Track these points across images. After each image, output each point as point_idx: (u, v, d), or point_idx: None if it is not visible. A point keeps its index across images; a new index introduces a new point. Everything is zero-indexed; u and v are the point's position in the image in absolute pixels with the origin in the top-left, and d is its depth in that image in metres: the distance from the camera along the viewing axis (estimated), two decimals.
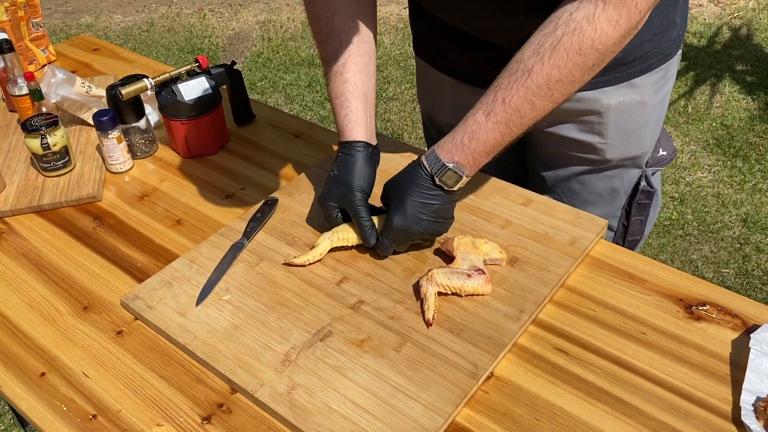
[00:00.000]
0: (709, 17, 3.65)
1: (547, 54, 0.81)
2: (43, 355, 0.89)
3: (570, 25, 0.79)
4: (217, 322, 0.90)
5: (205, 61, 1.24)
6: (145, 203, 1.16)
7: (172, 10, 4.27)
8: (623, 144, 1.10)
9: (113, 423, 0.80)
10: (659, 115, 1.13)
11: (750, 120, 2.87)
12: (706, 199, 2.48)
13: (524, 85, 0.83)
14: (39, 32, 1.63)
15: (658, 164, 1.17)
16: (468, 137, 0.88)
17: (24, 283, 1.01)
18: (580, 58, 0.80)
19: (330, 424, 0.76)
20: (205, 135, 1.25)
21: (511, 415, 0.78)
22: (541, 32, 0.82)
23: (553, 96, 0.83)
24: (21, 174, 1.23)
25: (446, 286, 0.90)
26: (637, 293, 0.92)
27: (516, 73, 0.83)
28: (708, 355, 0.83)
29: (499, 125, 0.86)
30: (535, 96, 0.83)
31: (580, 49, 0.79)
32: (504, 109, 0.85)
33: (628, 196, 1.19)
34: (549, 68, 0.81)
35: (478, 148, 0.88)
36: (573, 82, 0.83)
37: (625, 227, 1.22)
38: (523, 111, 0.84)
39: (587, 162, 1.14)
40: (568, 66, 0.81)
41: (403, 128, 2.99)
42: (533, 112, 0.85)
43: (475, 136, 0.87)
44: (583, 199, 1.18)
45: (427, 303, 0.88)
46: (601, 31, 0.78)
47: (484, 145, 0.87)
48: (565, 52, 0.80)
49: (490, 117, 0.86)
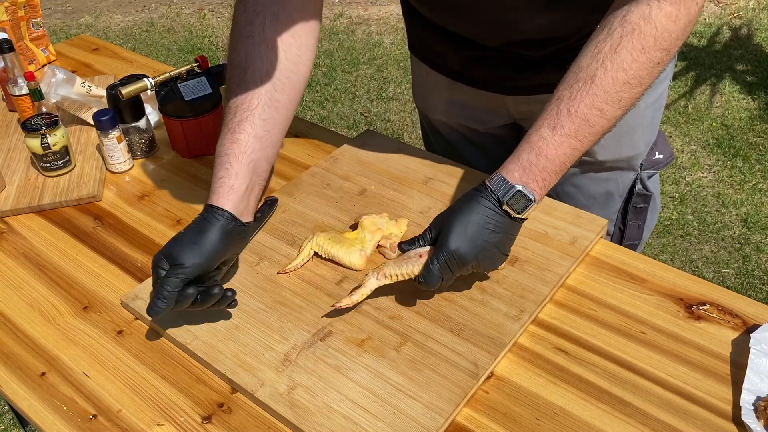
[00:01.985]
0: (709, 17, 3.65)
1: (609, 58, 0.78)
2: (43, 355, 0.89)
3: (626, 27, 0.77)
4: (217, 322, 0.90)
5: (205, 61, 1.24)
6: (145, 203, 1.16)
7: (172, 10, 4.27)
8: (615, 145, 1.09)
9: (113, 423, 0.80)
10: (652, 117, 1.12)
11: (750, 120, 2.87)
12: (706, 199, 2.48)
13: (590, 93, 0.79)
14: (39, 32, 1.63)
15: (654, 167, 1.16)
16: (535, 155, 0.82)
17: (24, 283, 1.01)
18: (645, 56, 0.78)
19: (330, 423, 0.76)
20: (205, 135, 1.25)
21: (512, 415, 0.78)
22: (595, 39, 0.80)
23: (621, 100, 0.80)
24: (21, 174, 1.23)
25: (397, 275, 0.86)
26: (637, 293, 0.92)
27: (578, 82, 0.80)
28: (708, 354, 0.83)
29: (568, 138, 0.81)
30: (602, 102, 0.79)
31: (643, 48, 0.77)
32: (571, 120, 0.80)
33: (624, 200, 1.18)
34: (614, 71, 0.78)
35: (547, 165, 0.82)
36: (640, 83, 0.80)
37: (622, 231, 1.21)
38: (592, 120, 0.80)
39: (580, 164, 1.13)
40: (633, 66, 0.78)
41: (403, 128, 2.99)
42: (602, 119, 0.80)
43: (543, 153, 0.81)
44: (577, 202, 1.17)
45: (358, 293, 0.86)
46: (662, 27, 0.77)
47: (552, 162, 0.82)
48: (629, 53, 0.77)
49: (556, 131, 0.81)
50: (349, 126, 3.06)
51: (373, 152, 1.21)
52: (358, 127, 3.03)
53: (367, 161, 1.19)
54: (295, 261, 0.97)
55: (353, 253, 0.96)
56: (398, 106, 3.16)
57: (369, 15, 4.04)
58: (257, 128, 0.92)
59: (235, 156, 0.90)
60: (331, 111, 3.17)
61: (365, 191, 1.12)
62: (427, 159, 1.19)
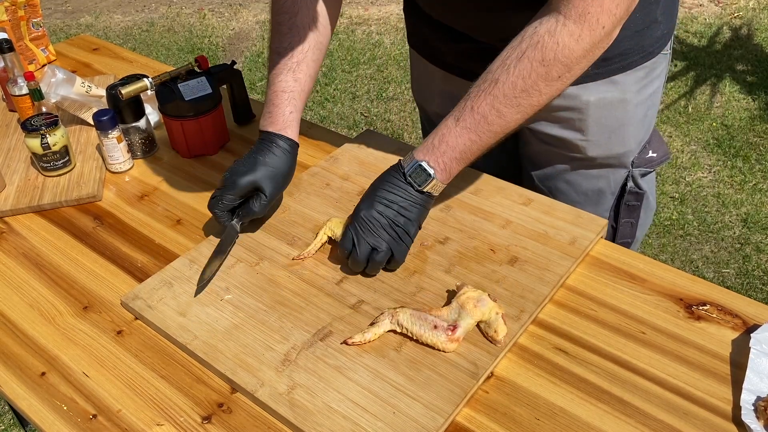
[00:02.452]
0: (709, 17, 3.65)
1: (513, 65, 0.85)
2: (43, 355, 0.89)
3: (534, 39, 0.84)
4: (217, 322, 0.90)
5: (205, 61, 1.24)
6: (145, 203, 1.16)
7: (172, 10, 4.27)
8: (605, 142, 1.11)
9: (113, 423, 0.80)
10: (644, 115, 1.13)
11: (750, 120, 2.87)
12: (706, 199, 2.48)
13: (491, 94, 0.87)
14: (39, 32, 1.63)
15: (647, 165, 1.17)
16: (438, 140, 0.91)
17: (24, 283, 1.01)
18: (544, 69, 0.84)
19: (330, 423, 0.76)
20: (205, 135, 1.25)
21: (511, 415, 0.78)
22: (509, 46, 0.86)
23: (520, 105, 0.87)
24: (21, 174, 1.23)
25: (406, 329, 0.85)
26: (637, 293, 0.92)
27: (485, 83, 0.87)
28: (708, 354, 0.83)
29: (468, 131, 0.89)
30: (501, 104, 0.86)
31: (543, 60, 0.83)
32: (472, 116, 0.88)
33: (616, 197, 1.19)
34: (514, 78, 0.85)
35: (447, 151, 0.91)
36: (539, 93, 0.86)
37: (615, 229, 1.22)
38: (490, 118, 0.88)
39: (571, 160, 1.15)
40: (532, 76, 0.84)
41: (403, 128, 2.99)
42: (501, 119, 0.88)
43: (445, 139, 0.91)
44: (570, 199, 1.18)
45: (371, 331, 0.85)
46: (563, 44, 0.82)
47: (453, 149, 0.90)
48: (529, 63, 0.84)
49: (459, 123, 0.90)
50: (349, 126, 3.06)
51: (373, 152, 1.21)
52: (358, 127, 3.03)
53: (367, 161, 1.19)
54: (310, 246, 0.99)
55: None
56: (398, 106, 3.16)
57: (369, 15, 4.04)
58: (310, 68, 1.06)
59: (299, 93, 1.04)
60: (331, 111, 3.17)
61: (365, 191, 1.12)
62: None
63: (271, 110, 1.03)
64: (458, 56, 1.14)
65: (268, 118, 1.03)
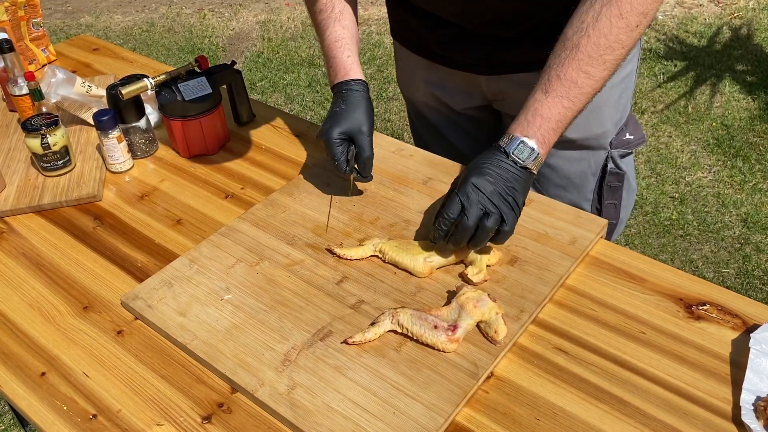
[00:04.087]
0: (709, 17, 3.65)
1: (591, 26, 0.87)
2: (43, 355, 0.89)
3: None
4: (217, 322, 0.90)
5: (205, 61, 1.24)
6: (145, 203, 1.16)
7: (172, 10, 4.27)
8: (583, 123, 1.12)
9: (113, 423, 0.80)
10: (619, 97, 1.17)
11: (750, 120, 2.87)
12: (706, 199, 2.48)
13: (576, 59, 0.88)
14: (39, 32, 1.63)
15: (625, 147, 1.22)
16: (531, 114, 0.91)
17: (24, 282, 1.01)
18: (623, 21, 0.86)
19: (330, 423, 0.76)
20: (205, 135, 1.25)
21: (511, 415, 0.78)
22: (578, 11, 0.88)
23: (606, 62, 0.88)
24: (21, 174, 1.23)
25: (406, 329, 0.85)
26: (637, 293, 0.92)
27: (564, 50, 0.89)
28: (708, 354, 0.83)
29: (560, 98, 0.90)
30: (588, 65, 0.88)
31: (620, 14, 0.85)
32: (561, 84, 0.89)
33: (598, 179, 1.23)
34: (596, 38, 0.86)
35: (543, 124, 0.90)
36: (622, 46, 0.88)
37: (599, 211, 1.26)
38: (580, 81, 0.89)
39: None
40: (613, 31, 0.86)
41: (403, 128, 2.99)
42: (590, 79, 0.89)
43: (538, 113, 0.90)
44: (553, 183, 1.22)
45: (371, 330, 0.86)
46: None
47: (548, 120, 0.90)
48: (608, 20, 0.86)
49: (549, 93, 0.90)
50: None
51: None
52: None
53: None
54: (357, 251, 0.99)
55: (417, 260, 0.95)
56: (398, 106, 3.16)
57: (369, 15, 4.04)
58: (352, 15, 1.12)
59: (350, 38, 1.10)
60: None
61: (365, 191, 1.12)
62: (427, 159, 1.19)
63: (331, 63, 1.09)
64: (441, 44, 1.17)
65: (332, 72, 1.09)
